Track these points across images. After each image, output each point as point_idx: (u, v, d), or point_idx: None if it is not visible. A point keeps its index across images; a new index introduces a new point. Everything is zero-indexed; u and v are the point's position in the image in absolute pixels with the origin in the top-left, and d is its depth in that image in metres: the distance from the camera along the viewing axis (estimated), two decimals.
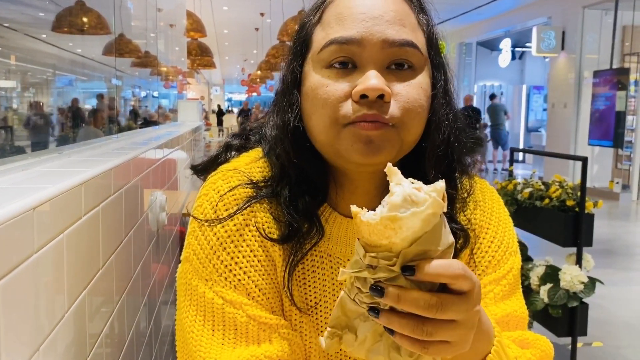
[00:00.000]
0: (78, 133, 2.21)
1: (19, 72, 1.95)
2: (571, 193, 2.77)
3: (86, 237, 0.94)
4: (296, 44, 0.75)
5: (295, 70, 0.74)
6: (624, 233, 6.58)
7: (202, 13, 8.06)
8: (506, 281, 0.80)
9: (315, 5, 0.75)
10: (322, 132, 0.69)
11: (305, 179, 0.74)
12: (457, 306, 0.52)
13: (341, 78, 0.68)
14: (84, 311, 0.92)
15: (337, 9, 0.71)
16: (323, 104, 0.68)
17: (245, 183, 0.74)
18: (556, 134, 9.94)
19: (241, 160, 0.79)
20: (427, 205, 0.49)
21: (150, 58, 3.69)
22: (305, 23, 0.75)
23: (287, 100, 0.74)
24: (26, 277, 0.67)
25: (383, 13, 0.69)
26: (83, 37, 2.20)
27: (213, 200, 0.73)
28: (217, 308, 0.69)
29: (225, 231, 0.72)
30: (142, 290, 1.51)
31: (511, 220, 0.86)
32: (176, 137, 2.61)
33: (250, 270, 0.71)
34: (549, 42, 9.73)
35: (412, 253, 0.50)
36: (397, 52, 0.68)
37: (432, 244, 0.50)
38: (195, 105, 5.25)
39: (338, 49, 0.68)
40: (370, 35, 0.67)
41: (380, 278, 0.51)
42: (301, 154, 0.73)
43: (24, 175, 0.93)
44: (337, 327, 0.57)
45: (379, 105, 0.66)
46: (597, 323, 3.47)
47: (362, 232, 0.51)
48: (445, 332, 0.52)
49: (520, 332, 0.78)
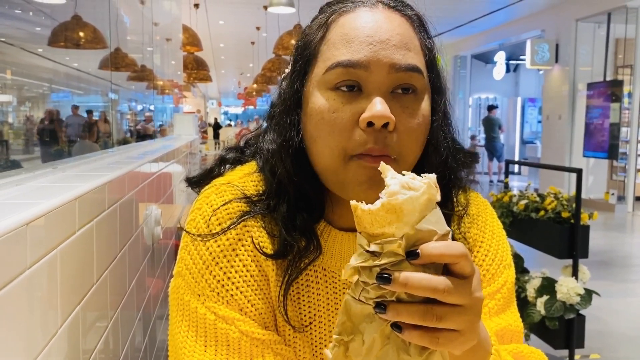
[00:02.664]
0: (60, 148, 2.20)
1: (15, 87, 1.95)
2: (566, 205, 2.78)
3: (80, 253, 0.94)
4: (299, 61, 0.74)
5: (299, 88, 0.73)
6: (620, 244, 6.58)
7: (198, 27, 8.11)
8: (501, 295, 0.80)
9: (320, 22, 0.74)
10: (327, 159, 0.69)
11: (303, 196, 0.73)
12: (463, 288, 0.52)
13: (347, 103, 0.68)
14: (78, 326, 0.92)
15: (343, 29, 0.70)
16: (330, 131, 0.68)
17: (239, 198, 0.74)
18: (551, 146, 9.98)
19: (235, 174, 0.79)
20: (424, 190, 0.51)
21: (147, 72, 3.71)
22: (309, 40, 0.74)
23: (289, 120, 0.73)
24: (19, 293, 0.67)
25: (390, 37, 0.68)
26: (79, 52, 2.21)
27: (206, 215, 0.73)
28: (209, 324, 0.69)
29: (218, 246, 0.71)
30: (137, 305, 1.50)
31: (504, 233, 0.86)
32: (172, 151, 2.61)
33: (243, 286, 0.71)
34: (543, 54, 9.81)
35: (414, 237, 0.51)
36: (403, 77, 0.68)
37: (433, 227, 0.51)
38: (191, 118, 5.25)
39: (344, 72, 0.68)
40: (378, 60, 0.67)
41: (386, 264, 0.51)
42: (300, 172, 0.72)
43: (17, 190, 0.93)
44: (343, 334, 0.55)
45: (384, 136, 0.66)
46: (594, 335, 3.46)
47: (364, 222, 0.52)
48: (454, 317, 0.51)
49: (515, 345, 0.78)
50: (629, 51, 8.75)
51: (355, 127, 0.67)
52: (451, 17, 10.45)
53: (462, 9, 9.81)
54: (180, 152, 3.09)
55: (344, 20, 0.71)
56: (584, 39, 9.33)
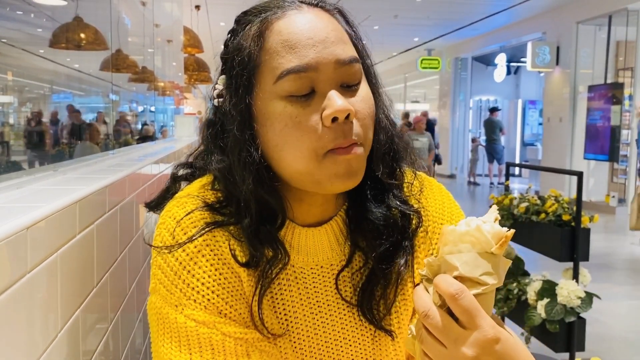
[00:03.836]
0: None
1: (16, 88, 1.95)
2: (567, 207, 2.78)
3: (80, 256, 0.93)
4: (243, 75, 0.71)
5: (249, 102, 0.71)
6: (621, 247, 6.58)
7: (199, 29, 8.11)
8: None
9: (253, 33, 0.72)
10: (299, 163, 0.69)
11: (265, 208, 0.73)
12: (446, 329, 0.56)
13: (306, 105, 0.69)
14: (78, 329, 0.92)
15: (281, 36, 0.69)
16: (298, 135, 0.68)
17: (201, 206, 0.73)
18: (552, 148, 9.98)
19: (193, 186, 0.78)
20: (470, 230, 0.58)
21: (147, 73, 3.71)
22: (247, 52, 0.71)
23: (245, 135, 0.71)
24: (19, 297, 0.67)
25: (326, 35, 0.70)
26: (80, 53, 2.21)
27: (170, 227, 0.72)
28: (190, 331, 0.69)
29: (187, 254, 0.71)
30: (137, 307, 1.50)
31: (463, 213, 0.89)
32: (172, 153, 2.61)
33: (217, 289, 0.71)
34: (544, 57, 9.81)
35: (444, 265, 0.58)
36: (347, 70, 0.70)
37: (457, 264, 0.57)
38: (192, 120, 5.26)
39: (297, 78, 0.68)
40: (324, 59, 0.68)
41: (424, 277, 0.62)
42: (262, 186, 0.72)
43: (18, 193, 0.93)
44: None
45: (348, 127, 0.68)
46: (595, 338, 3.46)
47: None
48: (430, 348, 0.59)
49: None
50: (630, 54, 8.75)
51: (319, 126, 0.68)
52: (452, 19, 10.46)
53: (463, 11, 9.82)
54: (181, 154, 3.10)
55: (279, 27, 0.70)
56: (584, 42, 9.34)
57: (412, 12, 9.52)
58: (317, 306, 0.78)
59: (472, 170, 12.97)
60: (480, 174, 13.26)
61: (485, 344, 0.56)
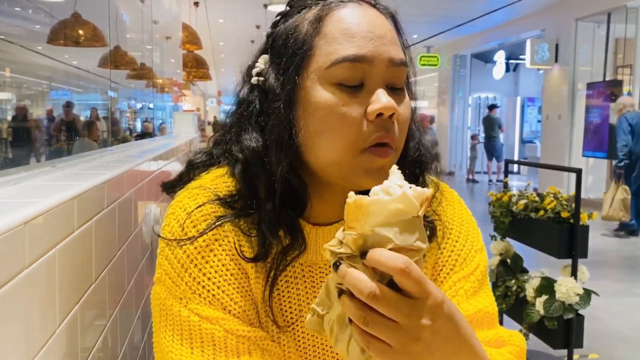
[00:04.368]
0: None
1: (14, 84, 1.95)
2: (566, 205, 2.78)
3: (79, 252, 0.93)
4: (295, 55, 0.71)
5: (298, 83, 0.71)
6: (619, 244, 6.59)
7: (197, 25, 8.10)
8: (474, 277, 0.82)
9: (312, 17, 0.72)
10: (334, 153, 0.69)
11: (288, 193, 0.73)
12: (397, 304, 0.52)
13: (354, 97, 0.69)
14: (76, 326, 0.92)
15: (342, 24, 0.70)
16: (340, 124, 0.68)
17: (212, 199, 0.73)
18: (550, 146, 9.98)
19: (207, 177, 0.78)
20: (395, 198, 0.53)
21: (146, 70, 3.70)
22: (301, 34, 0.72)
23: (286, 116, 0.71)
24: (17, 293, 0.67)
25: (384, 33, 0.71)
26: (79, 49, 2.21)
27: (180, 219, 0.72)
28: (193, 325, 0.69)
29: (195, 247, 0.71)
30: (136, 304, 1.50)
31: (474, 220, 0.89)
32: (171, 149, 2.61)
33: (223, 285, 0.71)
34: (543, 54, 9.81)
35: (371, 239, 0.53)
36: (396, 72, 0.71)
37: (391, 236, 0.53)
38: (191, 117, 5.25)
39: (350, 66, 0.68)
40: (379, 54, 0.69)
41: (343, 254, 0.54)
42: (293, 169, 0.72)
43: (16, 189, 0.93)
44: (319, 306, 0.59)
45: (390, 126, 0.69)
46: (593, 335, 3.46)
47: (344, 213, 0.55)
48: (381, 329, 0.52)
49: (494, 331, 0.79)
50: (629, 51, 8.75)
51: (363, 120, 0.68)
52: (451, 16, 10.45)
53: (462, 8, 9.81)
54: (179, 151, 3.09)
55: (340, 15, 0.71)
56: (583, 39, 9.33)
57: (411, 9, 9.51)
58: None
59: (471, 167, 12.98)
60: (479, 172, 13.26)
61: (437, 309, 0.54)
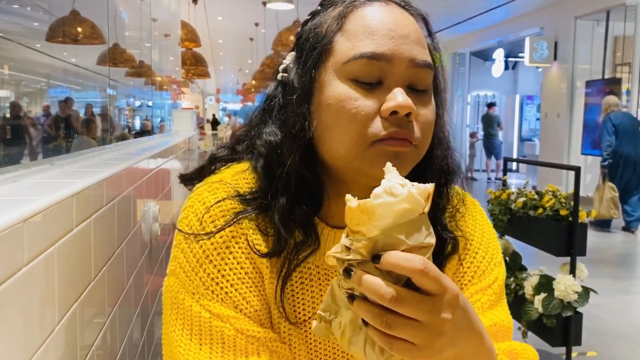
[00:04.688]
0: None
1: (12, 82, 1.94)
2: (564, 202, 2.78)
3: (78, 249, 0.93)
4: (314, 50, 0.72)
5: (313, 77, 0.72)
6: (617, 242, 6.60)
7: (196, 23, 8.08)
8: (492, 290, 0.81)
9: (336, 13, 0.73)
10: (345, 147, 0.69)
11: (304, 189, 0.73)
12: (418, 304, 0.52)
13: (368, 92, 0.69)
14: (75, 323, 0.92)
15: (363, 21, 0.70)
16: (351, 119, 0.68)
17: (232, 195, 0.73)
18: (549, 144, 9.98)
19: (227, 172, 0.78)
20: (402, 198, 0.52)
21: (145, 68, 3.70)
22: (324, 29, 0.73)
23: (300, 109, 0.72)
24: (16, 291, 0.67)
25: (409, 32, 0.70)
26: (77, 47, 2.20)
27: (199, 213, 0.72)
28: (204, 322, 0.69)
29: (212, 243, 0.71)
30: (135, 302, 1.50)
31: (494, 232, 0.88)
32: (170, 147, 2.61)
33: (237, 283, 0.71)
34: (542, 52, 9.80)
35: (382, 242, 0.52)
36: (419, 73, 0.70)
37: (403, 237, 0.52)
38: (190, 115, 5.24)
39: (368, 63, 0.68)
40: (400, 54, 0.69)
41: (352, 261, 0.53)
42: (307, 163, 0.72)
43: (15, 186, 0.93)
44: (326, 312, 0.59)
45: (406, 124, 0.68)
46: (592, 332, 3.47)
47: (347, 217, 0.55)
48: (405, 329, 0.52)
49: (508, 343, 0.79)
50: (628, 49, 8.74)
51: (376, 116, 0.68)
52: (450, 14, 10.44)
53: (461, 6, 9.80)
54: (178, 149, 3.09)
55: (364, 13, 0.71)
56: (582, 37, 9.33)
57: None
58: None
59: (469, 165, 12.98)
60: (477, 169, 13.26)
61: (455, 301, 0.55)
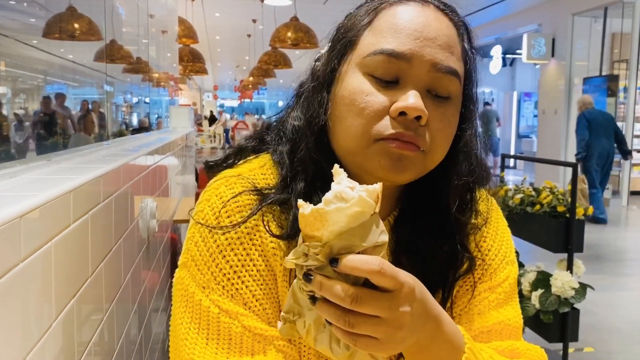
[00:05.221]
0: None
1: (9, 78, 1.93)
2: (562, 199, 2.78)
3: (75, 245, 0.93)
4: (341, 41, 0.73)
5: (335, 67, 0.73)
6: (614, 239, 6.61)
7: (194, 19, 8.06)
8: (502, 289, 0.80)
9: (369, 8, 0.73)
10: (350, 140, 0.69)
11: (321, 177, 0.72)
12: (377, 302, 0.54)
13: (384, 90, 0.68)
14: (73, 320, 0.92)
15: (392, 19, 0.70)
16: (359, 113, 0.68)
17: (249, 190, 0.73)
18: (547, 140, 10.00)
19: (245, 166, 0.78)
20: (353, 203, 0.54)
21: (142, 64, 3.68)
22: (354, 23, 0.73)
23: (319, 97, 0.73)
24: (13, 286, 0.67)
25: (437, 36, 0.69)
26: (74, 43, 2.19)
27: (215, 207, 0.72)
28: (212, 317, 0.69)
29: (226, 239, 0.70)
30: (133, 298, 1.50)
31: (509, 231, 0.86)
32: (167, 144, 2.60)
33: (248, 280, 0.70)
34: (539, 49, 9.80)
35: (337, 246, 0.54)
36: (441, 78, 0.69)
37: (357, 240, 0.54)
38: (187, 111, 5.23)
39: (386, 60, 0.68)
40: (421, 56, 0.67)
41: (311, 266, 0.55)
42: (322, 151, 0.72)
43: (11, 182, 0.93)
44: (289, 313, 0.61)
45: (414, 127, 0.67)
46: (588, 328, 3.48)
47: (301, 223, 0.56)
48: (367, 326, 0.55)
49: (510, 342, 0.78)
50: (625, 46, 8.76)
51: (385, 114, 0.67)
52: None
53: (459, 2, 9.73)
54: (176, 145, 3.08)
55: (395, 11, 0.71)
56: (580, 34, 9.33)
57: None
58: None
59: None
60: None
61: (412, 294, 0.57)
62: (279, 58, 7.52)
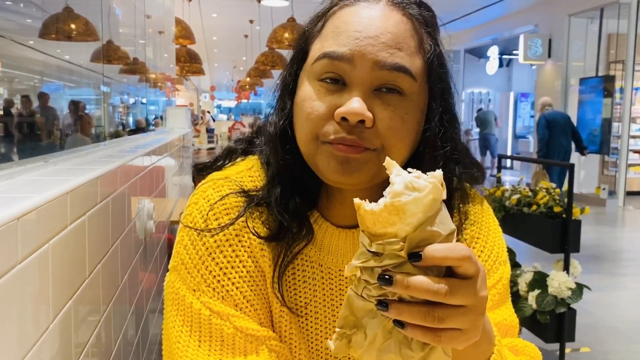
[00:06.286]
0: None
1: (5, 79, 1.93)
2: (558, 199, 2.79)
3: (72, 247, 0.93)
4: (296, 49, 0.76)
5: (290, 76, 0.75)
6: (611, 239, 6.63)
7: (191, 20, 8.06)
8: (496, 290, 0.80)
9: (317, 15, 0.74)
10: (304, 144, 0.71)
11: (297, 181, 0.74)
12: (465, 290, 0.51)
13: (329, 94, 0.68)
14: (70, 321, 0.91)
15: (336, 22, 0.70)
16: (307, 118, 0.69)
17: (236, 192, 0.74)
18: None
19: (233, 169, 0.79)
20: (428, 191, 0.50)
21: (139, 65, 3.68)
22: (306, 31, 0.75)
23: (281, 105, 0.76)
24: (10, 288, 0.67)
25: (379, 34, 0.67)
26: (71, 44, 2.19)
27: (203, 210, 0.72)
28: (204, 319, 0.69)
29: (215, 241, 0.71)
30: (130, 299, 1.49)
31: (500, 230, 0.86)
32: (164, 145, 2.60)
33: (238, 282, 0.71)
34: (536, 49, 9.83)
35: (417, 238, 0.50)
36: (387, 76, 0.67)
37: (436, 228, 0.51)
38: (184, 112, 5.23)
39: (329, 64, 0.68)
40: (362, 55, 0.66)
41: (387, 266, 0.50)
42: (291, 156, 0.73)
43: (8, 184, 0.92)
44: (345, 328, 0.55)
45: (360, 131, 0.66)
46: (585, 328, 3.49)
47: (367, 222, 0.51)
48: (456, 317, 0.51)
49: (510, 339, 0.78)
50: (621, 46, 8.78)
51: (330, 118, 0.67)
52: (444, 11, 10.44)
53: (456, 3, 9.80)
54: (173, 146, 3.08)
55: (341, 14, 0.71)
56: (576, 34, 9.36)
57: None
58: None
59: None
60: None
61: (485, 277, 0.55)
62: (276, 59, 7.53)
